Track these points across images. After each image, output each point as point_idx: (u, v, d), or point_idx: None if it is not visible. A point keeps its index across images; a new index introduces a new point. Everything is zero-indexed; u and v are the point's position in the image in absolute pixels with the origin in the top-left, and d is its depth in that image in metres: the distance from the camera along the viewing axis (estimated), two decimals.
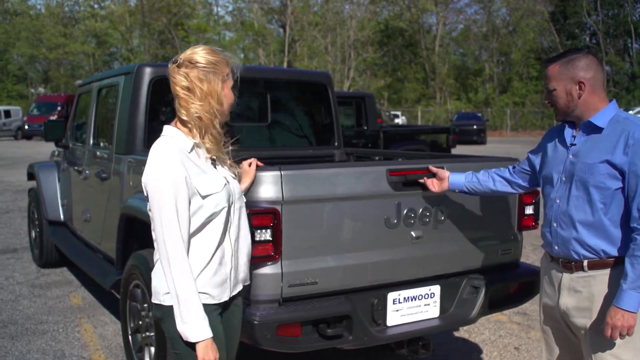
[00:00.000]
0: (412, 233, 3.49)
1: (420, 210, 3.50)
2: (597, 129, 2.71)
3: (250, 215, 2.97)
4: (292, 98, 5.85)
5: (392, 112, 40.21)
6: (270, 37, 49.09)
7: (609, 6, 45.60)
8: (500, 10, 51.69)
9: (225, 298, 2.53)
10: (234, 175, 2.63)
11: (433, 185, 3.41)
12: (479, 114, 37.69)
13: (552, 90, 2.75)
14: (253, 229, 2.97)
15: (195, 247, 2.42)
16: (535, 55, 48.72)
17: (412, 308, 3.56)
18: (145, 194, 2.40)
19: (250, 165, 3.05)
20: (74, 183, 6.02)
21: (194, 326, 2.33)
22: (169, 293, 2.38)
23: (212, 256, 2.45)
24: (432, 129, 17.99)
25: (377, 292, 3.46)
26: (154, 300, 2.49)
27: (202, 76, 2.40)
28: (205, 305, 2.41)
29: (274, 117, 5.56)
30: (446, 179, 3.38)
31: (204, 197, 2.39)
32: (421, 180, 3.44)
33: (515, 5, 48.51)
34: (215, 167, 2.54)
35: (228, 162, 2.64)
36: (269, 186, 3.05)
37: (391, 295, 3.48)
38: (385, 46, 51.77)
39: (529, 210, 4.00)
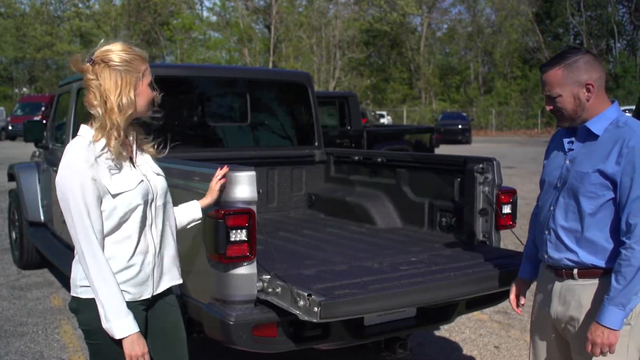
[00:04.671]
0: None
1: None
2: (593, 135, 2.55)
3: (225, 216, 2.98)
4: (272, 98, 5.86)
5: (378, 112, 40.29)
6: (255, 37, 48.97)
7: (592, 7, 45.94)
8: (484, 10, 51.98)
9: (146, 296, 2.50)
10: (158, 172, 2.58)
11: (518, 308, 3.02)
12: (464, 114, 37.86)
13: (557, 96, 2.54)
14: (228, 230, 2.97)
15: (112, 245, 2.39)
16: (518, 55, 48.97)
17: None
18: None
19: (217, 182, 3.01)
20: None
21: (117, 323, 2.31)
22: (84, 286, 2.36)
23: (131, 254, 2.42)
24: (416, 128, 18.07)
25: None
26: (72, 292, 2.46)
27: (114, 75, 2.35)
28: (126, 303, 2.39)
29: (254, 117, 5.56)
30: (524, 286, 3.00)
31: (114, 196, 2.35)
32: None
33: (500, 5, 48.73)
34: (134, 165, 2.49)
35: (152, 156, 2.58)
36: (244, 186, 3.05)
37: None
38: (370, 46, 51.82)
39: (507, 209, 4.01)
